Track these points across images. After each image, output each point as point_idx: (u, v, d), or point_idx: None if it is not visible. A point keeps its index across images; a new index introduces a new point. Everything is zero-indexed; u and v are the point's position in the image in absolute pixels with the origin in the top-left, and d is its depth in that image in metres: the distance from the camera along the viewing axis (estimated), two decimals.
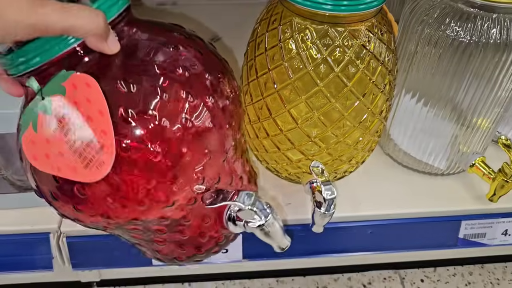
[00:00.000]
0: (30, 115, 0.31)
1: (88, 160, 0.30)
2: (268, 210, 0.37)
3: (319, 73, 0.41)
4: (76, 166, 0.31)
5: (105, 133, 0.30)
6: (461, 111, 0.50)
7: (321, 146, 0.45)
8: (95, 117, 0.30)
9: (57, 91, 0.30)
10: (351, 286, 0.60)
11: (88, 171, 0.30)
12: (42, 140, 0.31)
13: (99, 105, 0.30)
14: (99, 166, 0.30)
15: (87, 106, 0.30)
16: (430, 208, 0.51)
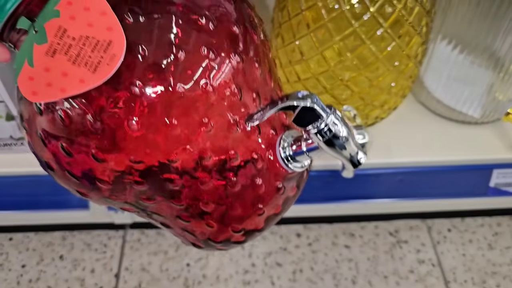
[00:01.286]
0: (24, 52, 0.29)
1: (96, 64, 0.28)
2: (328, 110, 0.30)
3: (354, 13, 0.40)
4: (84, 77, 0.29)
5: (111, 29, 0.28)
6: (498, 58, 0.48)
7: (353, 90, 0.45)
8: (96, 21, 0.28)
9: (51, 15, 0.28)
10: (377, 234, 0.61)
11: (97, 74, 0.28)
12: (41, 71, 0.29)
13: (100, 7, 0.28)
14: (111, 60, 0.28)
15: (86, 15, 0.28)
16: (461, 156, 0.50)
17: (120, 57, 0.28)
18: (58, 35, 0.28)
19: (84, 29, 0.28)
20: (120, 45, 0.28)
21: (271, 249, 0.59)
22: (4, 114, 0.46)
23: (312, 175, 0.50)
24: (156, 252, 0.59)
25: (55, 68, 0.28)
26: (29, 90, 0.29)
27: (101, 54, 0.28)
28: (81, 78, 0.28)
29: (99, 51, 0.28)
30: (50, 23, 0.28)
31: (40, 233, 0.61)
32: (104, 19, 0.28)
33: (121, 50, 0.28)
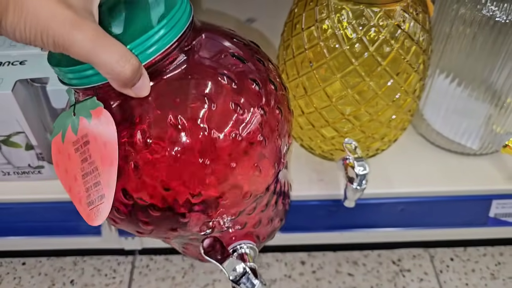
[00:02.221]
0: (62, 123, 0.31)
1: (91, 200, 0.29)
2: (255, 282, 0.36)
3: (354, 52, 0.43)
4: (81, 199, 0.30)
5: (108, 186, 0.29)
6: (495, 91, 0.50)
7: (354, 123, 0.47)
8: (106, 164, 0.29)
9: (85, 115, 0.29)
10: (380, 263, 0.62)
11: (88, 210, 0.30)
12: (65, 154, 0.31)
13: (111, 155, 0.28)
14: (96, 214, 0.29)
15: (103, 149, 0.29)
16: (461, 187, 0.52)
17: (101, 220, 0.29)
18: (84, 139, 0.30)
19: (98, 159, 0.29)
20: (106, 209, 0.29)
21: (276, 276, 0.61)
22: (24, 144, 0.49)
23: (316, 204, 0.52)
24: (164, 278, 0.61)
25: (72, 164, 0.30)
26: (55, 158, 0.31)
27: (96, 196, 0.29)
28: (80, 197, 0.30)
29: (96, 192, 0.29)
30: (82, 121, 0.30)
31: (52, 258, 0.63)
32: (110, 169, 0.29)
33: (104, 215, 0.29)
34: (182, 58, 0.31)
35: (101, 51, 0.25)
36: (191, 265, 0.62)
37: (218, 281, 0.60)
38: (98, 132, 0.29)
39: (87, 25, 0.25)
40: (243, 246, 0.38)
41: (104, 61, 0.25)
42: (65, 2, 0.25)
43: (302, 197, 0.52)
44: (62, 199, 0.52)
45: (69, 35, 0.24)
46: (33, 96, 0.48)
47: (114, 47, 0.26)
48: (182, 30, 0.30)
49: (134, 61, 0.27)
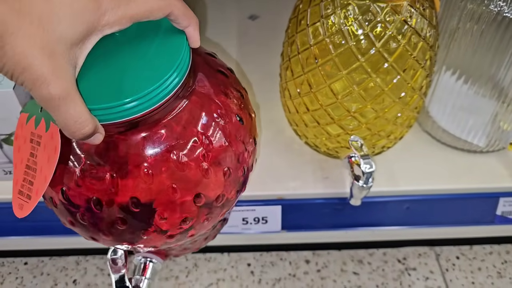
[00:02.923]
0: (32, 108, 0.32)
1: (22, 190, 0.32)
2: None
3: (360, 48, 0.42)
4: (18, 182, 0.32)
5: (37, 193, 0.31)
6: (502, 88, 0.49)
7: (360, 120, 0.46)
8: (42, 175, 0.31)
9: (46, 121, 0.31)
10: (386, 261, 0.61)
11: (16, 197, 0.32)
12: (23, 136, 0.32)
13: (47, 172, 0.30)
14: (19, 207, 0.32)
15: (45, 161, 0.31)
16: (467, 185, 0.51)
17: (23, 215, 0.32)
18: (38, 139, 0.31)
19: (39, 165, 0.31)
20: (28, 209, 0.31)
21: (280, 275, 0.60)
22: None
23: (321, 202, 0.52)
24: (167, 277, 0.60)
25: (23, 148, 0.32)
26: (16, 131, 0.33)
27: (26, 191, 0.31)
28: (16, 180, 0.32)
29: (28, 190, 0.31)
30: (42, 125, 0.31)
31: (54, 257, 0.62)
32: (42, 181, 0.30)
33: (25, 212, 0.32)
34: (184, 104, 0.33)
35: (60, 113, 0.26)
36: (195, 264, 0.62)
37: (222, 280, 0.60)
38: (48, 145, 0.30)
39: (57, 83, 0.25)
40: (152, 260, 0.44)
41: (60, 121, 0.26)
42: (48, 49, 0.25)
43: (307, 195, 0.51)
44: None
45: (39, 89, 0.25)
46: None
47: (73, 112, 0.26)
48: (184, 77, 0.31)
49: (88, 129, 0.27)
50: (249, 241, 0.62)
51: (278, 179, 0.52)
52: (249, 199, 0.51)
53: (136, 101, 0.28)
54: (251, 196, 0.51)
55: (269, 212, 0.52)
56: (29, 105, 0.32)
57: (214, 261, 0.62)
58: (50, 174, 0.30)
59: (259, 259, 0.62)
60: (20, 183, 0.31)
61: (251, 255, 0.62)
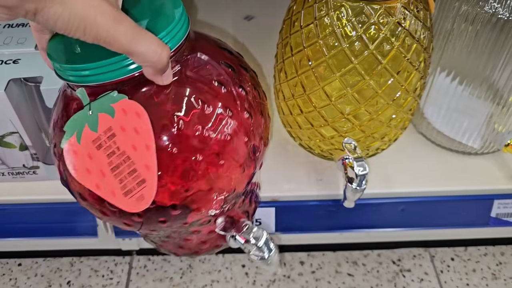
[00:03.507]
0: (76, 124, 0.31)
1: (128, 189, 0.30)
2: (272, 246, 0.40)
3: (354, 50, 0.42)
4: (115, 191, 0.30)
5: (148, 168, 0.30)
6: (497, 89, 0.49)
7: (354, 123, 0.46)
8: (140, 149, 0.30)
9: (106, 110, 0.30)
10: (380, 263, 0.61)
11: (127, 200, 0.30)
12: (85, 154, 0.30)
13: (146, 139, 0.29)
14: (139, 200, 0.30)
15: (134, 136, 0.30)
16: (462, 187, 0.51)
17: (148, 203, 0.30)
18: (107, 134, 0.30)
19: (129, 148, 0.30)
20: (151, 191, 0.30)
21: (274, 276, 0.60)
22: (18, 144, 0.48)
23: (315, 204, 0.51)
24: (161, 279, 0.60)
25: (96, 162, 0.30)
26: (71, 163, 0.31)
27: (134, 184, 0.30)
28: (113, 190, 0.30)
29: (134, 180, 0.30)
30: (103, 116, 0.30)
31: (48, 259, 0.62)
32: (146, 153, 0.30)
33: (150, 196, 0.30)
34: (177, 68, 0.33)
35: (141, 42, 0.27)
36: (189, 266, 0.61)
37: (216, 281, 0.60)
38: (125, 123, 0.30)
39: (126, 19, 0.27)
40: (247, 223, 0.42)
41: (144, 51, 0.27)
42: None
43: (301, 197, 0.51)
44: (57, 199, 0.51)
45: (114, 30, 0.26)
46: (27, 95, 0.47)
47: (151, 38, 0.28)
48: (180, 42, 0.32)
49: (167, 49, 0.29)
50: None
51: (272, 181, 0.52)
52: None
53: None
54: None
55: (263, 214, 0.51)
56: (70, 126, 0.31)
57: (208, 262, 0.62)
58: (152, 140, 0.29)
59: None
60: (119, 187, 0.30)
61: (246, 256, 0.62)
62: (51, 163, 0.51)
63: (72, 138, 0.31)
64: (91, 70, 0.29)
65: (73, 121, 0.31)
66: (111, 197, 0.31)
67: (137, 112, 0.29)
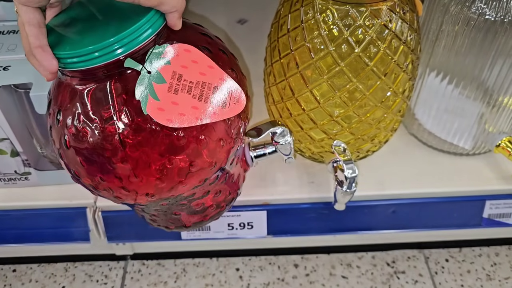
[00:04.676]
0: (144, 89, 0.34)
1: (222, 102, 0.36)
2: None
3: (341, 53, 0.42)
4: (214, 111, 0.35)
5: (223, 79, 0.36)
6: (486, 89, 0.49)
7: (343, 125, 0.46)
8: (207, 72, 0.35)
9: (160, 62, 0.34)
10: (375, 265, 0.61)
11: (228, 110, 0.36)
12: (169, 104, 0.34)
13: (206, 62, 0.35)
14: (236, 103, 0.36)
15: (196, 66, 0.35)
16: (453, 188, 0.51)
17: (244, 101, 0.37)
18: (175, 78, 0.34)
19: (198, 76, 0.35)
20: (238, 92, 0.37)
21: (269, 279, 0.60)
22: (9, 150, 0.48)
23: (306, 207, 0.51)
24: (156, 283, 0.60)
25: (183, 103, 0.34)
26: (163, 118, 0.34)
27: (223, 97, 0.36)
28: (213, 112, 0.35)
29: (220, 94, 0.36)
30: (163, 69, 0.34)
31: (43, 264, 0.62)
32: (213, 71, 0.35)
33: (242, 95, 0.37)
34: None
35: None
36: (183, 270, 0.61)
37: (211, 285, 0.60)
38: (183, 61, 0.35)
39: None
40: None
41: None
42: None
43: (292, 200, 0.51)
44: (49, 205, 0.51)
45: None
46: (17, 102, 0.47)
47: None
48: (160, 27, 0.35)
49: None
50: (238, 246, 0.62)
51: (264, 184, 0.52)
52: (234, 204, 0.51)
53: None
54: (236, 201, 0.51)
55: (255, 217, 0.51)
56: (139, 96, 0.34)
57: (202, 266, 0.62)
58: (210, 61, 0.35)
59: (248, 264, 0.62)
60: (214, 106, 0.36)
61: (240, 260, 0.62)
62: (42, 169, 0.51)
63: (150, 101, 0.34)
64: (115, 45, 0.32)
65: (139, 89, 0.34)
66: (215, 117, 0.35)
67: (185, 49, 0.35)
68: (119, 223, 0.52)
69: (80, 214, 0.51)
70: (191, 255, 0.63)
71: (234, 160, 0.43)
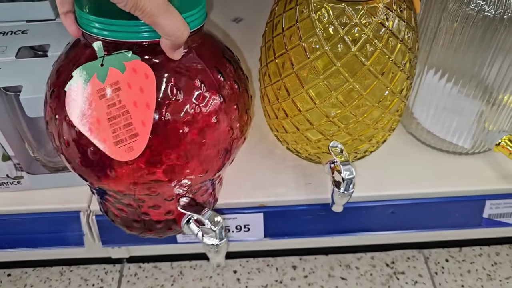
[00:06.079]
0: (86, 72, 0.34)
1: (119, 139, 0.33)
2: (224, 235, 0.41)
3: (337, 52, 0.41)
4: (107, 139, 0.34)
5: (144, 124, 0.33)
6: (486, 87, 0.48)
7: (340, 126, 0.45)
8: (141, 107, 0.33)
9: (118, 66, 0.33)
10: (374, 265, 0.60)
11: (116, 149, 0.34)
12: (86, 100, 0.33)
13: (149, 98, 0.33)
14: (128, 151, 0.33)
15: (138, 94, 0.33)
16: (453, 188, 0.50)
17: (137, 154, 0.34)
18: (113, 87, 0.33)
19: (130, 104, 0.33)
20: (141, 144, 0.34)
21: (266, 282, 0.59)
22: (0, 154, 0.47)
23: (304, 209, 0.51)
24: (152, 286, 0.59)
25: (96, 110, 0.33)
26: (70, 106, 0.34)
27: (126, 136, 0.34)
28: (105, 137, 0.34)
29: (127, 132, 0.34)
30: (113, 71, 0.33)
31: (38, 268, 0.62)
32: (146, 111, 0.33)
33: (140, 149, 0.34)
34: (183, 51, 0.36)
35: (168, 17, 0.31)
36: (180, 273, 0.61)
37: None
38: (133, 80, 0.33)
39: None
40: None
41: (169, 25, 0.31)
42: None
43: (289, 202, 0.50)
44: (42, 210, 0.50)
45: (149, 1, 0.29)
46: (8, 105, 0.46)
47: (177, 15, 0.31)
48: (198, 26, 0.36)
49: (188, 29, 0.32)
50: (235, 248, 0.61)
51: (260, 186, 0.51)
52: (230, 207, 0.50)
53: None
54: (232, 203, 0.50)
55: (251, 219, 0.51)
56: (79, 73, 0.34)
57: (199, 268, 0.61)
58: (153, 99, 0.33)
59: (246, 266, 0.61)
60: (111, 136, 0.33)
61: (237, 262, 0.62)
62: (35, 172, 0.50)
63: (79, 84, 0.33)
64: (114, 26, 0.32)
65: (83, 69, 0.34)
66: (101, 143, 0.34)
67: (146, 74, 0.33)
68: (113, 226, 0.51)
69: (73, 218, 0.51)
70: (188, 257, 0.62)
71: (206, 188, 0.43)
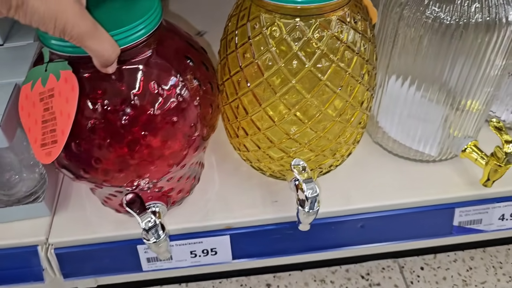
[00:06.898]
0: (34, 74, 0.37)
1: (44, 142, 0.36)
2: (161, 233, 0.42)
3: (291, 68, 0.40)
4: (37, 139, 0.36)
5: (63, 133, 0.35)
6: (449, 91, 0.47)
7: (301, 143, 0.44)
8: (64, 116, 0.35)
9: (56, 74, 0.35)
10: (349, 278, 0.59)
11: (40, 150, 0.36)
12: (31, 100, 0.36)
13: (70, 109, 0.35)
14: (47, 155, 0.36)
15: (64, 104, 0.35)
16: (421, 198, 0.49)
17: (51, 160, 0.36)
18: (50, 92, 0.36)
19: (58, 111, 0.35)
20: (57, 151, 0.35)
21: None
22: None
23: (271, 228, 0.49)
24: None
25: (35, 111, 0.36)
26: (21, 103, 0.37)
27: (50, 141, 0.36)
28: (36, 138, 0.36)
29: (51, 138, 0.36)
30: (53, 78, 0.36)
31: None
32: (66, 121, 0.35)
33: (55, 155, 0.35)
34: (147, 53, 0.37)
35: (97, 40, 0.31)
36: None
37: None
38: (63, 90, 0.35)
39: (88, 18, 0.31)
40: (157, 205, 0.45)
41: (98, 48, 0.32)
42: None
43: (256, 222, 0.49)
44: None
45: (78, 25, 0.30)
46: None
47: (105, 38, 0.32)
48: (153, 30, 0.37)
49: (118, 50, 0.33)
50: (206, 270, 0.59)
51: (226, 207, 0.49)
52: (195, 231, 0.48)
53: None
54: (197, 227, 0.48)
55: (218, 242, 0.49)
56: (30, 74, 0.37)
57: None
58: (73, 111, 0.34)
59: (219, 287, 0.59)
60: (40, 138, 0.36)
61: (210, 284, 0.60)
62: None
63: (28, 85, 0.37)
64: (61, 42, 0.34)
65: (33, 71, 0.37)
66: (32, 143, 0.36)
67: (72, 86, 0.34)
68: (74, 259, 0.49)
69: (31, 252, 0.48)
70: (159, 282, 0.60)
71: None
